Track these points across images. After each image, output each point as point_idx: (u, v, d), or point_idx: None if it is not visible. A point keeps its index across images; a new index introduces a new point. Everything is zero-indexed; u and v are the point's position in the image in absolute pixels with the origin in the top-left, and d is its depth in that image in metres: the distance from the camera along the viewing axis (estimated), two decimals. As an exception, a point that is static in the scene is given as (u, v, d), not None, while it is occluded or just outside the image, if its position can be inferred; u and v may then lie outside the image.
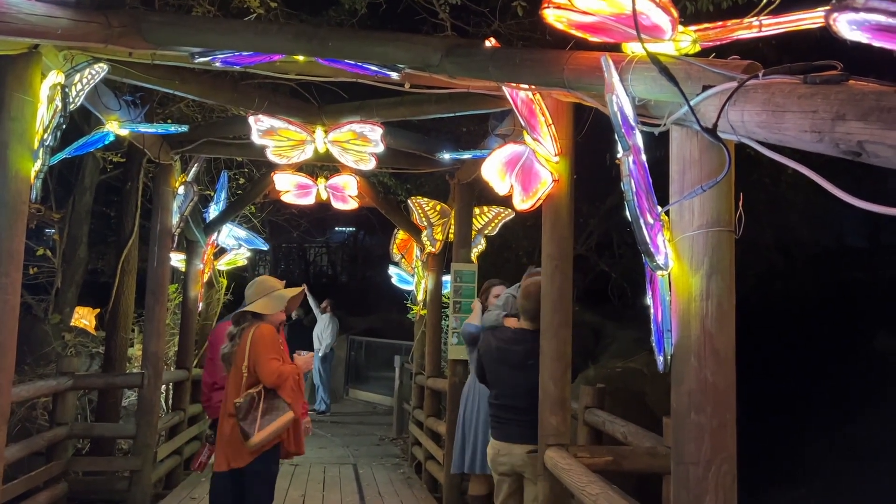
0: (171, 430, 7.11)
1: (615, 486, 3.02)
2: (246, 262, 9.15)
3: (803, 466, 9.85)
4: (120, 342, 7.42)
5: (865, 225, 17.54)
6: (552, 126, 3.53)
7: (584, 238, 15.98)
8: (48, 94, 3.40)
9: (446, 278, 7.80)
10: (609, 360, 10.36)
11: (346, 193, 6.97)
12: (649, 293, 2.48)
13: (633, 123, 2.25)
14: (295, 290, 4.19)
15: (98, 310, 11.63)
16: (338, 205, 7.20)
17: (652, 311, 2.43)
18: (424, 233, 7.05)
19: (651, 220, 2.11)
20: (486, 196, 7.12)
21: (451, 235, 6.82)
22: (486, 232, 6.92)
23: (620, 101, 2.20)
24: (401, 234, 8.30)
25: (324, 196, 7.09)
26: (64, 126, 3.33)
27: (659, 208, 2.27)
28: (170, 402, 8.22)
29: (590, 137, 3.94)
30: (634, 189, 2.02)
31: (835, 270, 14.80)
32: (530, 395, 3.85)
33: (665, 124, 2.31)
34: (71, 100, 3.43)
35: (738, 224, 2.26)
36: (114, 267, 8.17)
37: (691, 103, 2.00)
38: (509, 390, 4.06)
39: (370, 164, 5.49)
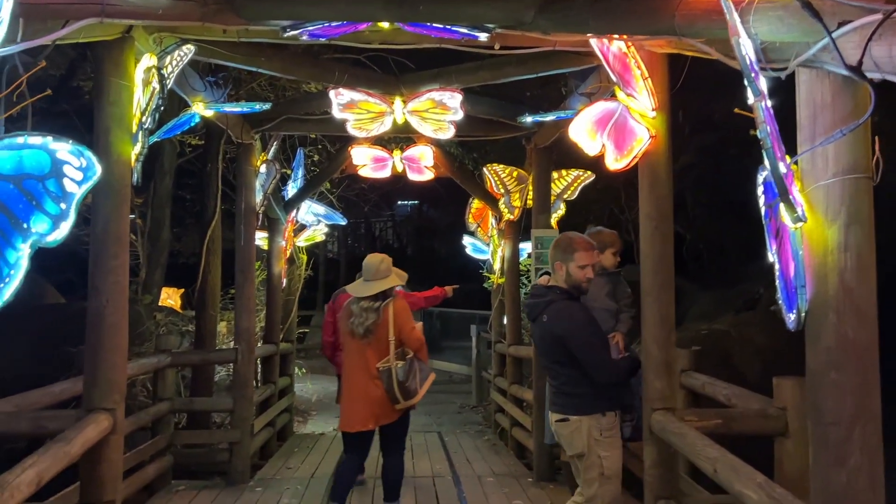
0: (264, 403, 7.32)
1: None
2: (324, 237, 9.27)
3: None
4: (209, 320, 7.64)
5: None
6: (648, 79, 3.39)
7: (656, 199, 15.53)
8: (143, 77, 3.46)
9: (523, 245, 7.75)
10: (693, 322, 10.12)
11: (422, 164, 6.94)
12: (772, 248, 2.36)
13: (757, 68, 2.11)
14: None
15: (182, 290, 12.04)
16: (413, 176, 7.18)
17: (778, 266, 2.31)
18: (501, 200, 6.96)
19: (784, 170, 1.99)
20: (563, 160, 7.00)
21: (529, 202, 6.71)
22: (565, 196, 6.80)
23: (745, 45, 2.07)
24: (476, 203, 8.24)
25: (399, 168, 7.08)
26: (162, 107, 3.40)
27: (788, 158, 2.14)
28: (258, 376, 8.48)
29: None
30: (770, 134, 1.90)
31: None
32: (550, 357, 3.67)
33: (791, 67, 2.17)
34: (165, 80, 3.49)
35: (875, 170, 2.11)
36: (193, 248, 8.43)
37: (828, 39, 1.85)
38: (538, 350, 3.95)
39: (449, 133, 5.43)
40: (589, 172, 6.79)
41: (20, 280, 2.13)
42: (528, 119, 5.47)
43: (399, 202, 30.74)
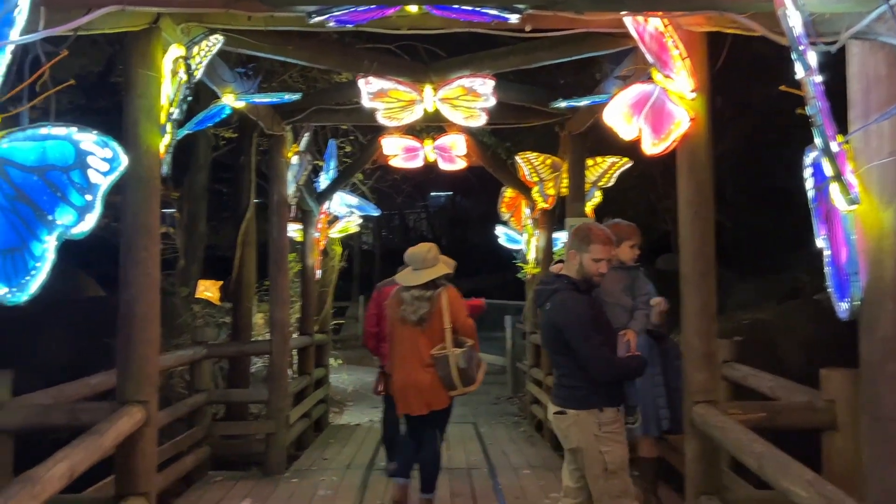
0: (300, 394, 7.33)
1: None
2: (358, 228, 9.26)
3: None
4: (244, 312, 7.69)
5: None
6: (687, 59, 3.25)
7: (694, 186, 15.19)
8: (171, 67, 3.44)
9: (557, 235, 7.63)
10: (734, 312, 9.86)
11: (454, 153, 6.85)
12: (821, 234, 2.23)
13: (805, 41, 1.98)
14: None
15: (221, 282, 12.17)
16: (445, 166, 7.10)
17: (828, 252, 2.18)
18: (535, 189, 6.84)
19: (836, 148, 1.86)
20: (598, 146, 6.85)
21: (563, 189, 6.59)
22: (600, 184, 6.65)
23: (792, 17, 1.94)
24: (508, 193, 8.13)
25: (431, 158, 7.00)
26: (189, 98, 3.37)
27: (840, 137, 2.01)
28: (294, 367, 8.52)
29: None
30: (821, 111, 1.77)
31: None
32: (551, 347, 3.50)
33: (842, 40, 2.03)
34: (193, 71, 3.47)
35: (936, 148, 1.97)
36: (230, 241, 8.49)
37: (886, 7, 1.72)
38: (542, 339, 3.74)
39: (480, 120, 5.33)
40: (626, 159, 6.63)
41: (47, 272, 2.11)
42: (563, 104, 5.33)
43: (432, 193, 30.67)
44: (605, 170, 6.61)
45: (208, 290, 12.45)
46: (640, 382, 4.26)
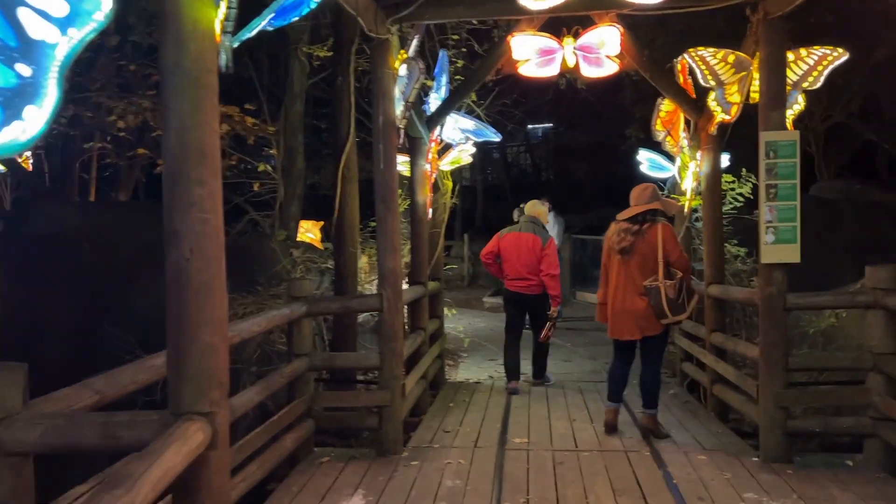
0: (414, 355, 6.24)
1: None
2: (471, 159, 7.92)
3: None
4: (348, 258, 6.66)
5: None
6: None
7: (844, 102, 13.09)
8: None
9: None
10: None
11: (602, 53, 5.35)
12: None
13: None
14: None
15: (322, 222, 11.29)
16: (589, 71, 5.60)
17: None
18: (712, 96, 5.23)
19: None
20: (802, 35, 5.20)
21: (753, 94, 5.01)
22: (804, 84, 5.00)
23: None
24: (666, 106, 6.55)
25: (571, 62, 5.54)
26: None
27: None
28: (405, 320, 7.46)
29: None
30: None
31: None
32: None
33: None
34: None
35: None
36: (331, 180, 7.45)
37: None
38: None
39: (660, -6, 3.85)
40: (840, 50, 4.93)
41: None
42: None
43: (529, 126, 28.83)
44: (811, 66, 4.92)
45: (309, 231, 11.61)
46: None
